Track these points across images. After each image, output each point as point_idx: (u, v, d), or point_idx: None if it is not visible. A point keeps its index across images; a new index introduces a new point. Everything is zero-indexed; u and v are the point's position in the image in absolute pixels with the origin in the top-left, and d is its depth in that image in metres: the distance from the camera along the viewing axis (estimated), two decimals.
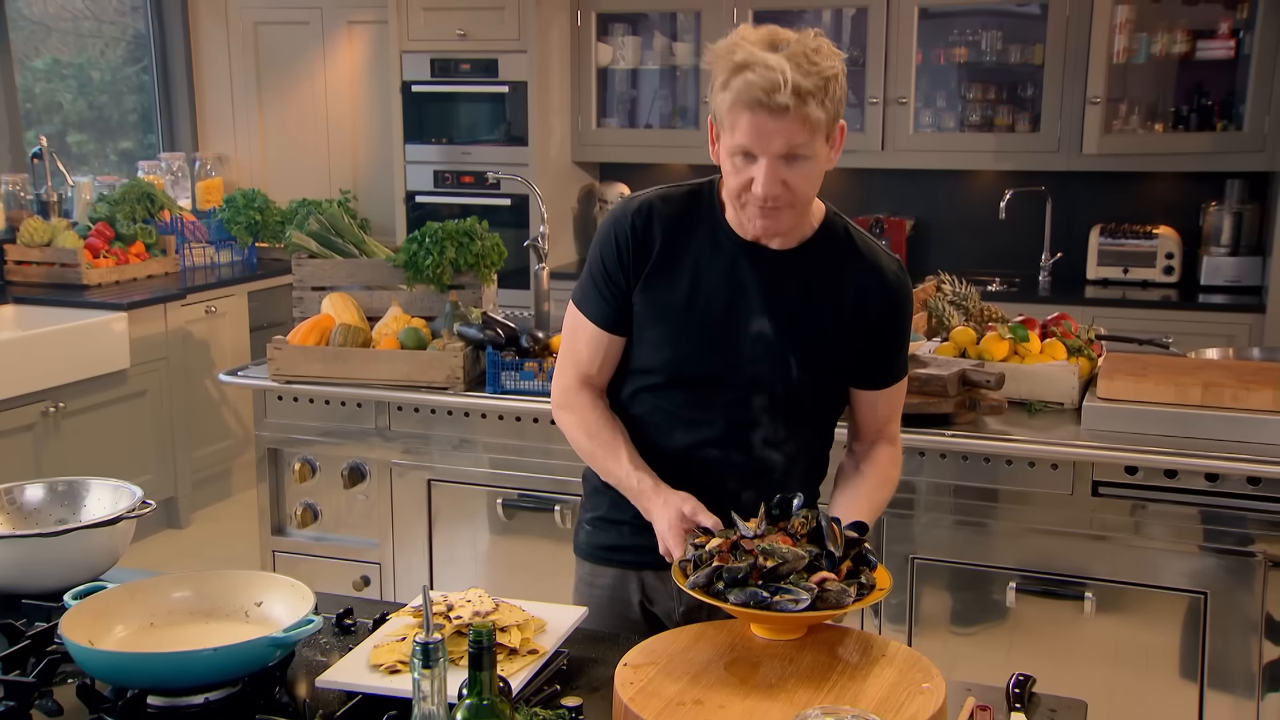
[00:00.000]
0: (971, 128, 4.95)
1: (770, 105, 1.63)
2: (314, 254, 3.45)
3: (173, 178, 5.88)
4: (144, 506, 1.92)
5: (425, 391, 3.08)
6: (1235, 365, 2.90)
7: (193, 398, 4.94)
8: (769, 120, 1.64)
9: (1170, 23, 4.65)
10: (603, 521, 1.98)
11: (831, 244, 1.84)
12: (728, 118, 1.68)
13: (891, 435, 1.97)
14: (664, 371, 1.85)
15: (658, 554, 1.85)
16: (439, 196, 5.38)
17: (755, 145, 1.67)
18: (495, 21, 5.14)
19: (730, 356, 1.81)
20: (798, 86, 1.62)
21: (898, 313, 1.88)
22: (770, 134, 1.65)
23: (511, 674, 1.51)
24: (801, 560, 1.56)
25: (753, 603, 1.52)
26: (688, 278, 1.82)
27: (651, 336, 1.85)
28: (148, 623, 1.63)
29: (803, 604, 1.51)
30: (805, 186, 1.73)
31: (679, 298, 1.82)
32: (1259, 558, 2.53)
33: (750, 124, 1.65)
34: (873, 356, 1.88)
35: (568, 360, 1.93)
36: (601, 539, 1.99)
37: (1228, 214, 4.67)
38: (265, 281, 5.31)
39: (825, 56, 1.67)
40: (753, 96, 1.63)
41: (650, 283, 1.83)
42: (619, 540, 1.96)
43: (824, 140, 1.70)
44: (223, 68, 5.97)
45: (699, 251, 1.82)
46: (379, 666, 1.52)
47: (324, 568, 3.29)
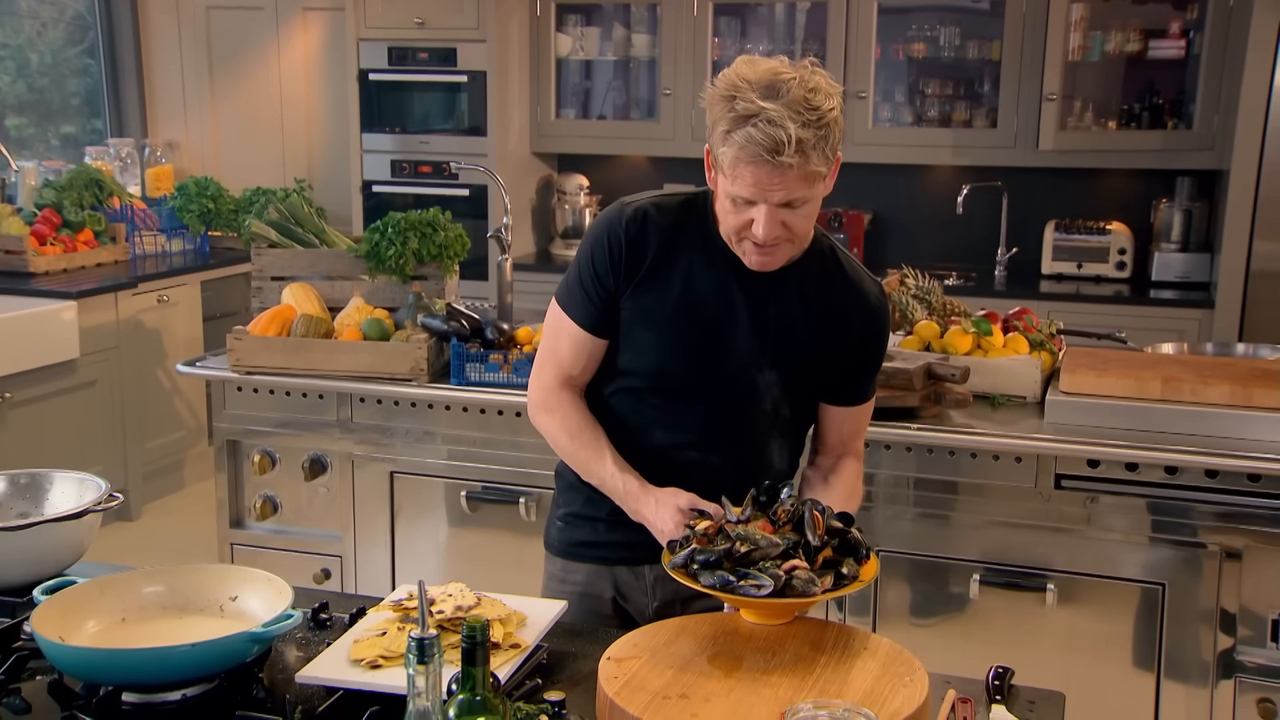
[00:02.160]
0: (929, 123, 5.00)
1: (774, 163, 1.62)
2: (274, 243, 3.40)
3: (121, 164, 5.77)
4: (110, 499, 1.88)
5: (388, 383, 3.05)
6: (1193, 360, 2.96)
7: (144, 388, 4.86)
8: (771, 175, 1.64)
9: (1123, 21, 4.72)
10: (576, 518, 1.98)
11: (818, 264, 1.86)
12: (729, 168, 1.67)
13: (857, 451, 1.99)
14: (648, 376, 1.85)
15: (632, 550, 1.87)
16: (396, 186, 5.33)
17: (756, 195, 1.67)
18: (454, 10, 5.10)
19: (713, 368, 1.83)
20: (800, 142, 1.61)
21: (877, 336, 1.91)
22: (771, 187, 1.65)
23: (495, 668, 1.50)
24: (776, 547, 1.58)
25: (719, 586, 1.55)
26: (678, 287, 1.82)
27: (638, 342, 1.85)
28: (120, 618, 1.60)
29: (765, 590, 1.53)
30: (804, 226, 1.75)
31: (668, 306, 1.82)
32: (1214, 549, 2.58)
33: (752, 177, 1.65)
34: (847, 375, 1.91)
35: (548, 360, 1.91)
36: (575, 535, 1.98)
37: (1178, 211, 4.75)
38: (218, 271, 5.23)
39: (825, 97, 1.65)
40: (755, 153, 1.62)
41: (641, 289, 1.83)
42: (593, 536, 1.95)
43: (822, 181, 1.70)
44: (173, 53, 5.87)
45: (690, 262, 1.82)
46: (360, 661, 1.51)
47: (284, 561, 3.25)
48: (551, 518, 2.04)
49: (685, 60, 5.10)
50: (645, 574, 1.94)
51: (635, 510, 1.80)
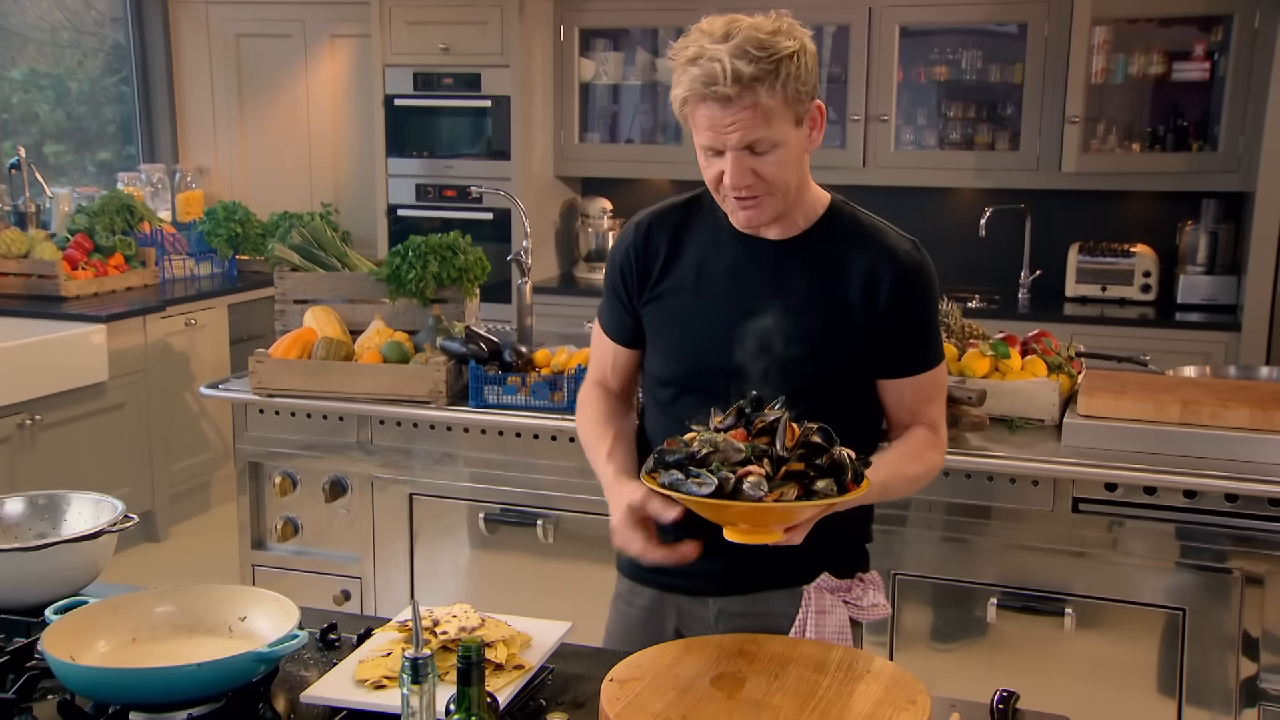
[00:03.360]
0: (952, 145, 4.99)
1: (715, 96, 1.62)
2: (296, 267, 3.44)
3: (152, 189, 5.85)
4: (125, 520, 1.90)
5: (407, 405, 3.07)
6: (1213, 383, 2.93)
7: (171, 411, 4.91)
8: (719, 111, 1.64)
9: (1147, 44, 4.70)
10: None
11: (836, 230, 1.81)
12: (687, 111, 1.68)
13: (929, 419, 1.85)
14: (681, 375, 1.84)
15: (694, 579, 1.85)
16: (421, 210, 5.38)
17: (714, 139, 1.67)
18: (479, 36, 5.15)
19: (730, 350, 1.77)
20: (739, 74, 1.61)
21: (914, 295, 1.79)
22: (724, 126, 1.65)
23: (497, 689, 1.51)
24: (739, 453, 1.54)
25: (668, 484, 1.54)
26: (693, 278, 1.83)
27: (665, 344, 1.86)
28: (130, 638, 1.62)
29: (706, 489, 1.50)
30: (779, 174, 1.71)
31: (686, 298, 1.83)
32: (1236, 574, 2.55)
33: (704, 117, 1.66)
34: (890, 343, 1.79)
35: (591, 366, 2.01)
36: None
37: (1203, 233, 4.72)
38: (245, 294, 5.29)
39: (782, 36, 1.65)
40: (696, 90, 1.64)
41: (657, 295, 1.85)
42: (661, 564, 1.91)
43: (791, 124, 1.68)
44: (204, 80, 5.96)
45: (701, 252, 1.83)
46: (364, 682, 1.52)
47: (304, 582, 3.27)
48: None
49: None
50: (709, 606, 1.89)
51: (608, 500, 1.78)
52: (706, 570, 1.80)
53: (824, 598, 1.83)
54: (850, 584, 1.87)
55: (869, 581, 1.90)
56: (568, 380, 3.00)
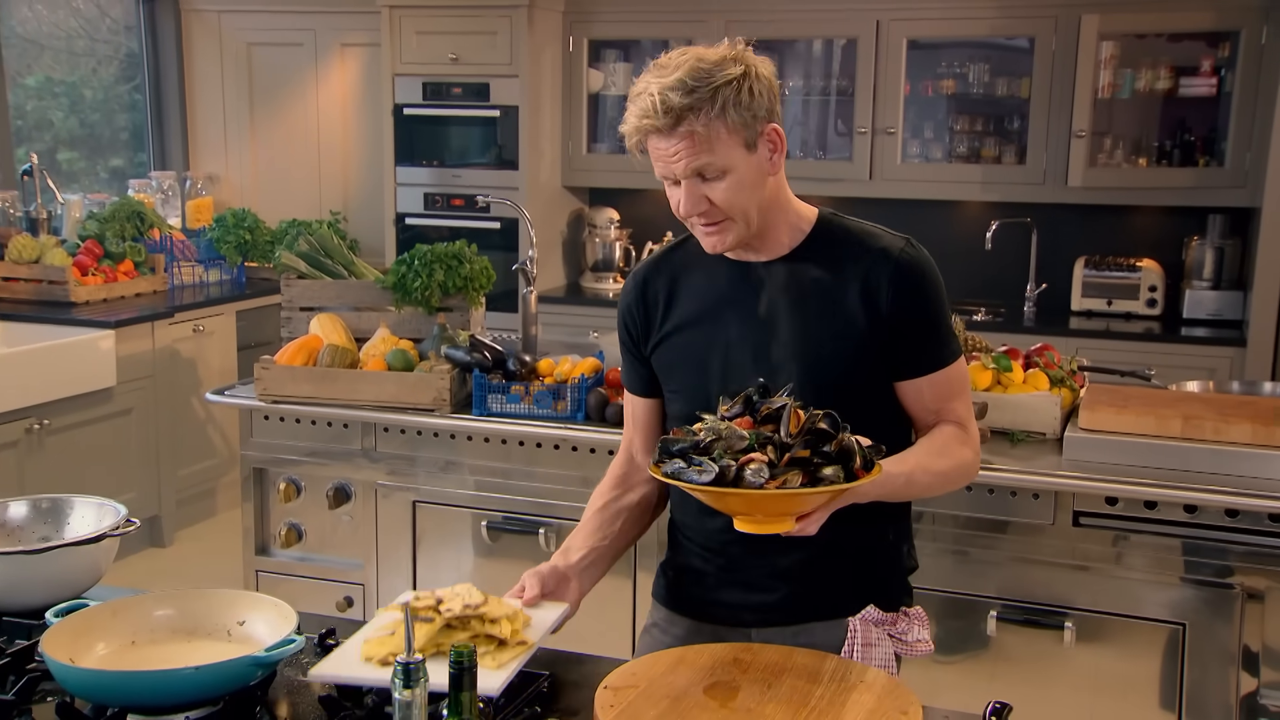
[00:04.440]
0: (958, 159, 5.00)
1: (651, 129, 1.67)
2: (303, 274, 3.46)
3: (163, 196, 5.89)
4: (128, 524, 1.92)
5: (412, 413, 3.09)
6: (1215, 398, 2.93)
7: (179, 416, 4.94)
8: (661, 142, 1.68)
9: (1154, 59, 4.71)
10: (685, 570, 1.93)
11: (826, 243, 1.80)
12: (639, 144, 1.72)
13: (956, 416, 1.80)
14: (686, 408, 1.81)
15: (735, 610, 1.85)
16: (429, 219, 5.40)
17: (664, 169, 1.71)
18: (488, 46, 5.18)
19: (738, 377, 1.75)
20: (668, 105, 1.64)
21: (915, 291, 1.75)
22: (666, 156, 1.68)
23: (503, 664, 1.53)
24: (742, 440, 1.52)
25: (670, 473, 1.53)
26: (694, 314, 1.84)
27: (674, 384, 1.87)
28: (129, 641, 1.63)
29: (707, 476, 1.49)
30: (733, 199, 1.70)
31: (690, 335, 1.84)
32: (1237, 589, 2.55)
33: (653, 149, 1.70)
34: (900, 344, 1.76)
35: (625, 429, 2.02)
36: (682, 588, 1.94)
37: (1210, 248, 4.72)
38: (254, 301, 5.32)
39: (728, 64, 1.65)
40: (634, 124, 1.69)
41: (661, 335, 1.87)
42: (699, 592, 1.90)
43: (740, 149, 1.68)
44: (215, 88, 6.00)
45: (699, 288, 1.85)
46: (371, 659, 1.53)
47: (307, 588, 3.28)
48: (661, 567, 2.00)
49: None
50: (750, 637, 1.85)
51: None
52: (752, 601, 1.81)
53: (870, 630, 1.80)
54: (895, 617, 1.83)
55: (914, 616, 1.86)
56: (571, 389, 3.01)
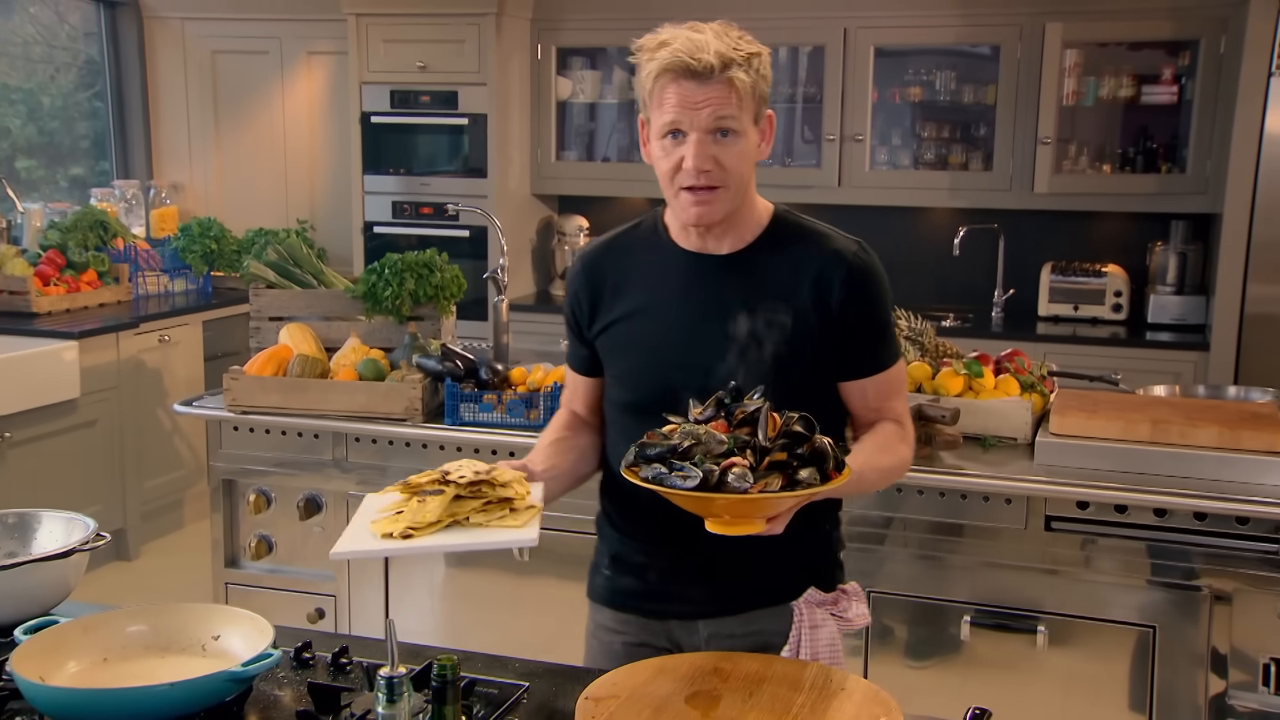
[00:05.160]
0: (926, 165, 5.04)
1: (695, 69, 1.65)
2: (272, 284, 3.43)
3: (126, 205, 5.82)
4: (98, 539, 1.89)
5: (383, 423, 3.07)
6: (1182, 402, 2.97)
7: (144, 428, 4.88)
8: (695, 88, 1.66)
9: (1116, 67, 4.77)
10: (625, 565, 1.92)
11: (783, 239, 1.82)
12: (655, 92, 1.70)
13: (895, 414, 1.86)
14: (635, 395, 1.85)
15: (686, 603, 1.86)
16: (397, 227, 5.38)
17: (683, 117, 1.68)
18: (455, 54, 5.17)
19: (692, 367, 1.77)
20: (720, 51, 1.66)
21: (866, 295, 1.80)
22: (697, 102, 1.67)
23: (523, 524, 1.60)
24: (721, 445, 1.53)
25: (651, 479, 1.52)
26: (647, 302, 1.83)
27: (623, 370, 1.87)
28: (101, 658, 1.61)
29: (691, 482, 1.49)
30: (737, 166, 1.72)
31: (641, 323, 1.84)
32: (1205, 592, 2.58)
33: (676, 94, 1.67)
34: (848, 345, 1.81)
35: (564, 393, 2.04)
36: (626, 584, 1.92)
37: (1173, 254, 4.77)
38: (220, 311, 5.27)
39: (748, 41, 1.73)
40: (677, 61, 1.66)
41: (609, 320, 1.86)
42: (644, 587, 1.90)
43: (752, 120, 1.72)
44: (179, 95, 5.94)
45: (653, 275, 1.84)
46: (390, 536, 1.56)
47: (278, 600, 3.25)
48: (596, 567, 1.99)
49: None
50: (700, 629, 1.88)
51: None
52: (697, 593, 1.83)
53: (814, 613, 1.84)
54: (836, 596, 1.88)
55: (852, 593, 1.91)
56: (544, 398, 3.00)
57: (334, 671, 1.67)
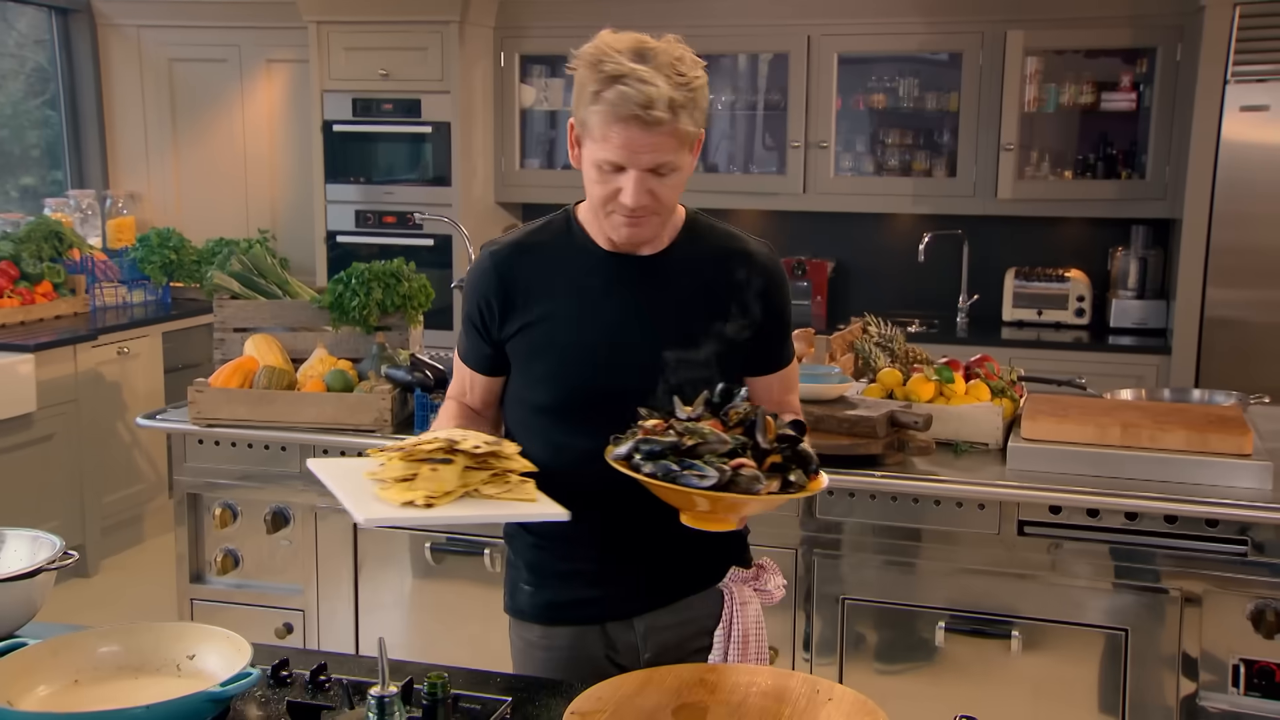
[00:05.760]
0: (890, 172, 5.06)
1: (645, 119, 1.63)
2: (236, 294, 3.38)
3: (82, 215, 5.73)
4: (65, 557, 1.85)
5: (352, 434, 3.03)
6: (1150, 406, 2.99)
7: (103, 441, 4.80)
8: (641, 134, 1.64)
9: (1076, 74, 4.82)
10: (549, 576, 1.89)
11: (699, 240, 1.85)
12: (599, 130, 1.67)
13: (794, 407, 1.97)
14: (560, 402, 1.81)
15: (623, 603, 1.85)
16: (360, 236, 5.33)
17: (626, 159, 1.67)
18: (418, 62, 5.13)
19: (620, 368, 1.78)
20: (672, 101, 1.64)
21: (778, 295, 1.89)
22: (641, 148, 1.66)
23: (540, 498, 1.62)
24: (725, 444, 1.55)
25: (661, 474, 1.51)
26: (567, 304, 1.80)
27: (538, 373, 1.83)
28: (72, 680, 1.57)
29: (709, 481, 1.50)
30: (672, 196, 1.75)
31: (559, 327, 1.80)
32: (1175, 594, 2.60)
33: (623, 138, 1.65)
34: (760, 343, 1.87)
35: (452, 386, 1.98)
36: (552, 595, 1.90)
37: (1134, 259, 4.83)
38: (180, 322, 5.20)
39: (690, 67, 1.69)
40: (628, 111, 1.63)
41: (525, 321, 1.82)
42: (574, 594, 1.88)
43: (687, 150, 1.73)
44: (135, 104, 5.86)
45: (572, 277, 1.81)
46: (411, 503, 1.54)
47: (245, 615, 3.20)
48: (514, 581, 1.95)
49: None
50: (635, 626, 1.88)
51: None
52: (630, 590, 1.85)
53: (742, 590, 1.91)
54: (756, 571, 1.95)
55: (768, 567, 1.97)
56: None
57: (312, 689, 1.64)
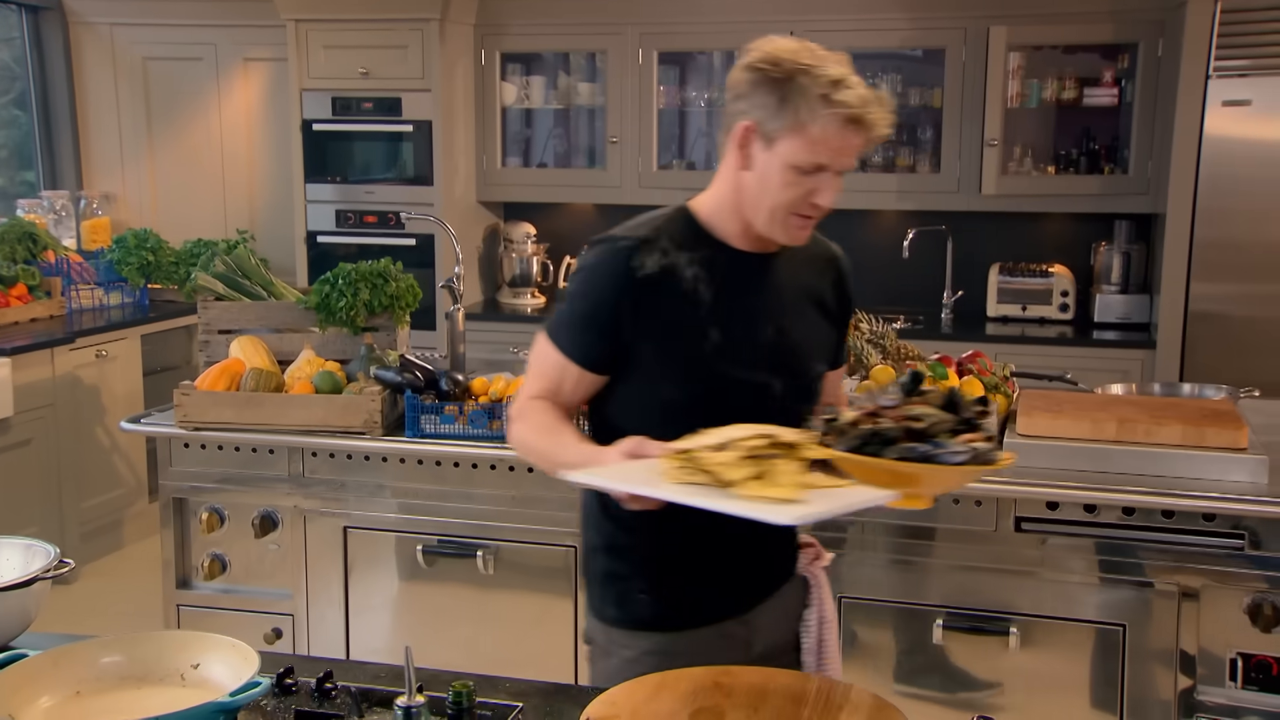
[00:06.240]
0: (874, 168, 5.06)
1: (866, 121, 1.70)
2: (221, 296, 3.34)
3: (55, 217, 5.65)
4: (60, 565, 1.81)
5: (341, 437, 2.99)
6: (1144, 401, 2.99)
7: (82, 446, 4.73)
8: (855, 136, 1.71)
9: (1059, 70, 4.83)
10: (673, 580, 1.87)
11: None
12: (818, 131, 1.68)
13: (845, 400, 2.07)
14: (692, 393, 1.80)
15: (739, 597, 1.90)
16: (341, 236, 5.28)
17: (833, 160, 1.71)
18: (398, 60, 5.09)
19: (750, 362, 1.81)
20: (881, 101, 1.73)
21: (851, 295, 2.01)
22: (850, 150, 1.72)
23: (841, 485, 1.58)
24: (947, 422, 1.60)
25: (914, 457, 1.55)
26: (699, 302, 1.78)
27: (674, 366, 1.79)
28: (74, 691, 1.53)
29: (961, 458, 1.55)
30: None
31: (695, 323, 1.78)
32: (1171, 589, 2.60)
33: (841, 140, 1.70)
34: (841, 338, 2.01)
35: (536, 383, 1.85)
36: (678, 599, 1.87)
37: (1117, 253, 4.85)
38: (159, 324, 5.13)
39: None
40: (854, 114, 1.68)
41: (659, 318, 1.77)
42: (698, 595, 1.87)
43: None
44: (109, 104, 5.78)
45: (705, 273, 1.79)
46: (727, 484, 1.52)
47: (233, 621, 3.16)
48: (622, 592, 1.88)
49: (631, 108, 5.12)
50: (750, 620, 1.90)
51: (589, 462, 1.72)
52: (743, 585, 1.90)
53: (817, 572, 2.00)
54: (816, 551, 2.03)
55: (815, 542, 2.05)
56: (506, 408, 2.95)
57: (319, 697, 1.61)
